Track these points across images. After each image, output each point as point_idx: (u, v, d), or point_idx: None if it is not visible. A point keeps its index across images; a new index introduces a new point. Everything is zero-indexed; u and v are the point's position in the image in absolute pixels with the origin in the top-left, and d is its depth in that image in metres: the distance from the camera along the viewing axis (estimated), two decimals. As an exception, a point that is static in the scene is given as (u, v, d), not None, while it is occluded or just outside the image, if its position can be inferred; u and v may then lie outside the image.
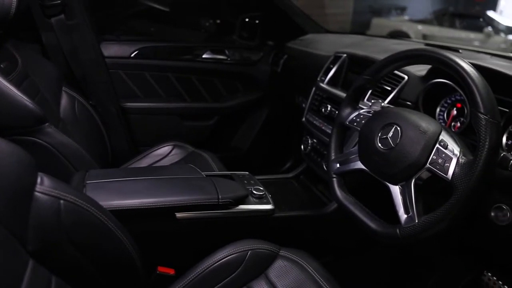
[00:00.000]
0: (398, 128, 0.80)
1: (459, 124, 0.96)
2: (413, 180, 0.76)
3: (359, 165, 0.89)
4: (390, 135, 0.80)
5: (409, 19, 6.58)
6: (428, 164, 0.74)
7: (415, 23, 6.27)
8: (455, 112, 0.98)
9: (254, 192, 1.11)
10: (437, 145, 0.74)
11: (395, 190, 0.79)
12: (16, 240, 0.55)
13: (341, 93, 1.28)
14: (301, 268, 0.90)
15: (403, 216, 0.76)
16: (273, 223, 1.14)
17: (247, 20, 2.02)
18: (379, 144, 0.82)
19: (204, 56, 1.84)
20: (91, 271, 0.68)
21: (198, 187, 1.01)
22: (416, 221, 0.73)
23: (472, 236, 0.92)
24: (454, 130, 0.96)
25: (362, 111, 0.96)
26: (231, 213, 1.03)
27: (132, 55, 1.71)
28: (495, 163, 0.71)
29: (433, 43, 1.36)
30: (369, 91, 1.14)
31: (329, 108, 1.32)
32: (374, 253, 1.38)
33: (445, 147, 0.74)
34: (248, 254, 0.90)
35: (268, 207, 1.09)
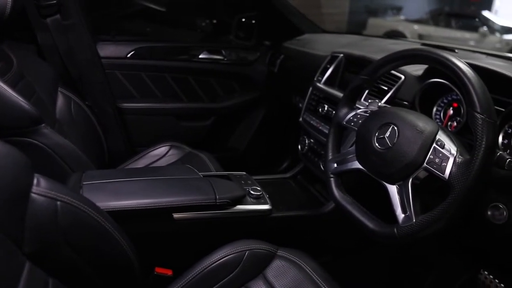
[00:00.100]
0: (395, 128, 0.80)
1: (456, 124, 0.97)
2: (411, 180, 0.76)
3: (357, 165, 0.89)
4: (387, 135, 0.81)
5: (405, 19, 6.60)
6: (425, 164, 0.74)
7: (411, 23, 6.30)
8: (452, 112, 0.98)
9: (252, 192, 1.11)
10: (434, 145, 0.75)
11: (393, 190, 0.79)
12: (12, 242, 0.55)
13: (338, 93, 1.29)
14: (299, 268, 0.90)
15: (401, 216, 0.76)
16: (271, 223, 1.14)
17: (244, 20, 2.02)
18: (376, 144, 0.82)
19: (201, 56, 1.83)
20: (88, 273, 0.68)
21: (196, 188, 1.01)
22: (414, 221, 0.73)
23: (469, 235, 0.93)
24: (451, 130, 0.96)
25: (359, 111, 0.96)
26: (229, 214, 1.03)
27: (128, 56, 1.70)
28: (492, 163, 0.71)
29: (429, 43, 1.36)
30: (366, 91, 1.14)
31: (326, 108, 1.32)
32: (372, 253, 1.38)
33: (442, 147, 0.74)
34: (246, 254, 0.90)
35: (266, 207, 1.09)
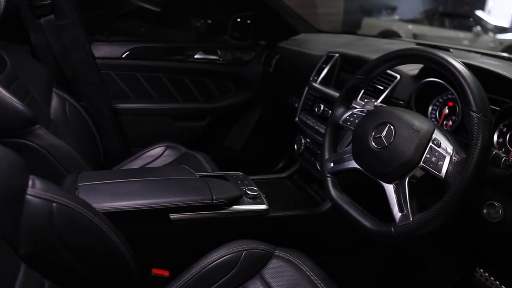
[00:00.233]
0: (392, 127, 0.80)
1: (451, 123, 0.97)
2: (407, 179, 0.77)
3: (353, 164, 0.89)
4: (384, 134, 0.81)
5: (400, 19, 6.63)
6: (422, 163, 0.75)
7: (406, 23, 6.33)
8: (447, 111, 0.99)
9: (248, 192, 1.10)
10: (431, 144, 0.75)
11: (389, 189, 0.79)
12: (7, 244, 0.54)
13: (334, 93, 1.29)
14: (296, 268, 0.90)
15: (398, 215, 0.77)
16: (268, 223, 1.14)
17: (239, 20, 2.01)
18: (373, 143, 0.82)
19: (196, 57, 1.83)
20: (85, 274, 0.67)
21: (192, 188, 1.01)
22: (411, 219, 0.74)
23: (465, 234, 0.93)
24: (446, 129, 0.97)
25: (356, 111, 0.96)
26: (226, 214, 1.03)
27: (123, 56, 1.69)
28: (487, 161, 0.72)
29: (424, 43, 1.37)
30: (362, 91, 1.15)
31: (322, 108, 1.32)
32: (369, 252, 1.39)
33: (438, 146, 0.74)
34: (243, 255, 0.90)
35: (262, 207, 1.09)
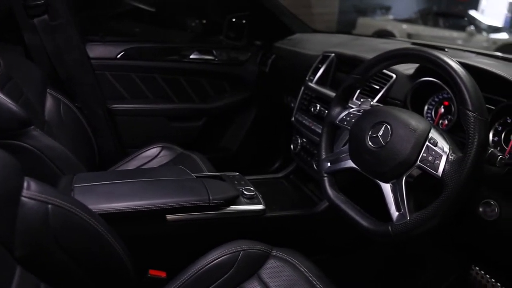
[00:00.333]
0: (388, 127, 0.80)
1: (447, 122, 0.97)
2: (404, 178, 0.77)
3: (350, 164, 0.89)
4: (381, 134, 0.81)
5: (394, 19, 6.66)
6: (419, 162, 0.75)
7: (400, 22, 6.36)
8: (443, 110, 0.99)
9: (245, 193, 1.10)
10: (427, 143, 0.75)
11: (386, 188, 0.79)
12: (2, 247, 0.54)
13: (330, 92, 1.29)
14: (294, 268, 0.90)
15: (395, 214, 0.77)
16: (265, 223, 1.14)
17: (234, 20, 2.01)
18: (370, 143, 0.82)
19: (191, 57, 1.82)
20: (81, 276, 0.67)
21: (189, 189, 1.00)
22: (408, 218, 0.74)
23: (461, 232, 0.94)
24: (442, 128, 0.97)
25: (352, 110, 0.96)
26: (222, 214, 1.02)
27: (118, 56, 1.68)
28: (484, 160, 0.72)
29: (419, 42, 1.37)
30: (358, 90, 1.15)
31: (318, 108, 1.32)
32: (366, 251, 1.39)
33: (435, 145, 0.74)
34: (240, 255, 0.90)
35: (259, 207, 1.09)
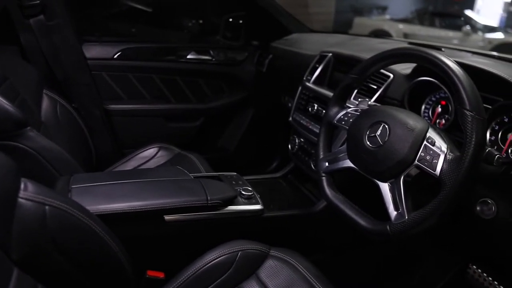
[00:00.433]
0: (386, 126, 0.81)
1: (444, 121, 0.98)
2: (402, 177, 0.77)
3: (348, 163, 0.89)
4: (379, 133, 0.81)
5: (390, 18, 6.69)
6: (417, 161, 0.75)
7: (396, 22, 6.39)
8: (440, 109, 1.00)
9: (243, 193, 1.10)
10: (425, 142, 0.75)
11: (385, 188, 0.79)
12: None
13: (328, 92, 1.29)
14: (292, 267, 0.90)
15: (393, 213, 0.77)
16: (263, 223, 1.14)
17: (231, 20, 2.01)
18: (368, 142, 0.83)
19: (189, 57, 1.82)
20: (79, 277, 0.66)
21: (186, 189, 1.00)
22: (406, 218, 0.74)
23: (459, 231, 0.94)
24: (439, 127, 0.97)
25: (350, 110, 0.96)
26: (220, 214, 1.02)
27: (115, 56, 1.68)
28: (481, 159, 0.72)
29: (416, 42, 1.38)
30: (356, 90, 1.15)
31: (316, 107, 1.32)
32: (365, 251, 1.39)
33: (433, 144, 0.74)
34: (239, 255, 0.89)
35: (257, 207, 1.09)
